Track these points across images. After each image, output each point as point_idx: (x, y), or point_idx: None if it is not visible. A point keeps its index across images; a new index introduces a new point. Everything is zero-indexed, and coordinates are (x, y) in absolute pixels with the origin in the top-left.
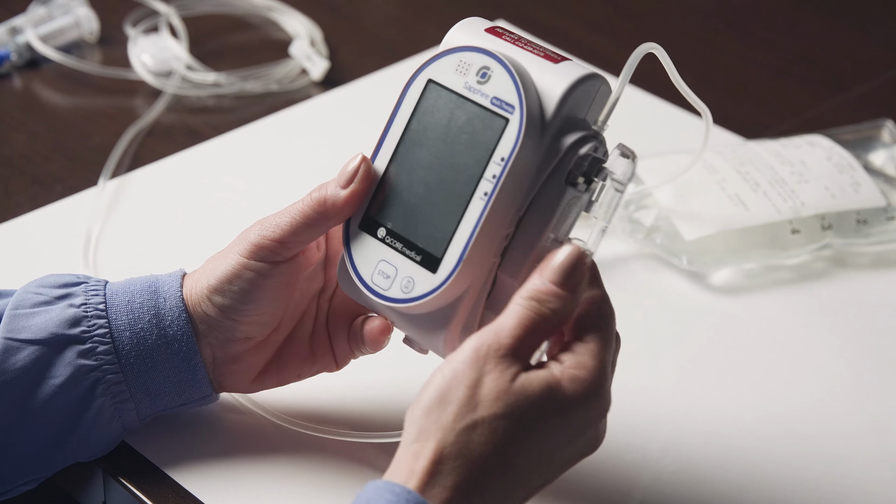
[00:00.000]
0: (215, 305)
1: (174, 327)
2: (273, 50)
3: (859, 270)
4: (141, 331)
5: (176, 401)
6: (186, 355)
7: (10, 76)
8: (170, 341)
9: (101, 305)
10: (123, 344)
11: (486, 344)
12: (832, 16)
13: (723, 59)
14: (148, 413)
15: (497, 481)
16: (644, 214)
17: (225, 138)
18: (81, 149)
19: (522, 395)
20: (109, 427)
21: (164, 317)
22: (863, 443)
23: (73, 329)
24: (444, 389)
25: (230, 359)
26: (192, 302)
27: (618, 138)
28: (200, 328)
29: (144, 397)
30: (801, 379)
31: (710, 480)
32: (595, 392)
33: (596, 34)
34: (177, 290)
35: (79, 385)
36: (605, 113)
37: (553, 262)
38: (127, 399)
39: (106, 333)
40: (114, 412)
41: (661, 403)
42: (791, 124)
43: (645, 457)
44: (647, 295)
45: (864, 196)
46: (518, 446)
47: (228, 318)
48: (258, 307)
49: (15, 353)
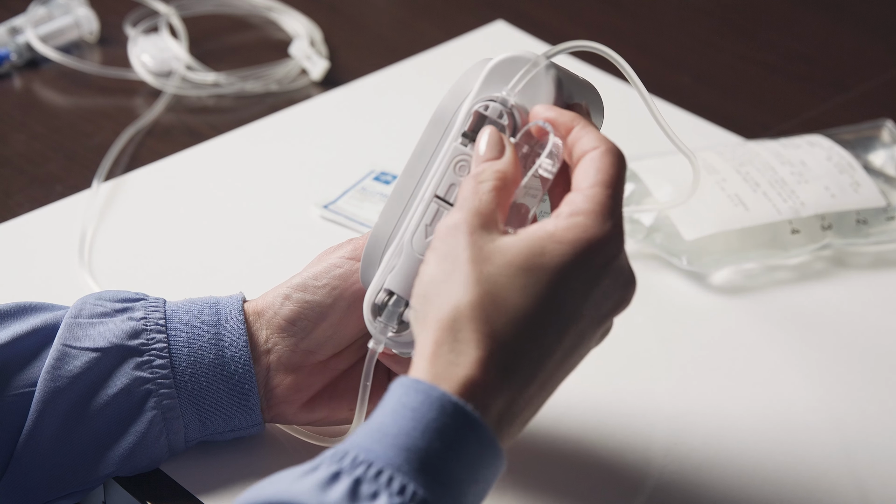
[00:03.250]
0: (296, 303)
1: (233, 349)
2: (273, 50)
3: (859, 270)
4: (199, 349)
5: (225, 425)
6: (241, 378)
7: (10, 76)
8: (227, 362)
9: (160, 321)
10: (181, 360)
11: (445, 227)
12: (832, 16)
13: (723, 58)
14: (196, 435)
15: (520, 350)
16: (644, 214)
17: (225, 138)
18: (81, 149)
19: (499, 255)
20: (156, 444)
21: (223, 337)
22: (863, 443)
23: (132, 341)
24: (424, 284)
25: (287, 368)
26: (258, 318)
27: (618, 138)
28: (262, 348)
29: (194, 417)
30: (802, 379)
31: (711, 481)
32: (595, 236)
33: (595, 34)
34: (238, 311)
35: (132, 396)
36: (514, 82)
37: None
38: (177, 416)
39: (164, 348)
40: (162, 429)
41: (662, 404)
42: (791, 124)
43: (645, 457)
44: (646, 295)
45: (864, 196)
46: (526, 309)
47: (301, 320)
48: (338, 314)
49: (72, 360)
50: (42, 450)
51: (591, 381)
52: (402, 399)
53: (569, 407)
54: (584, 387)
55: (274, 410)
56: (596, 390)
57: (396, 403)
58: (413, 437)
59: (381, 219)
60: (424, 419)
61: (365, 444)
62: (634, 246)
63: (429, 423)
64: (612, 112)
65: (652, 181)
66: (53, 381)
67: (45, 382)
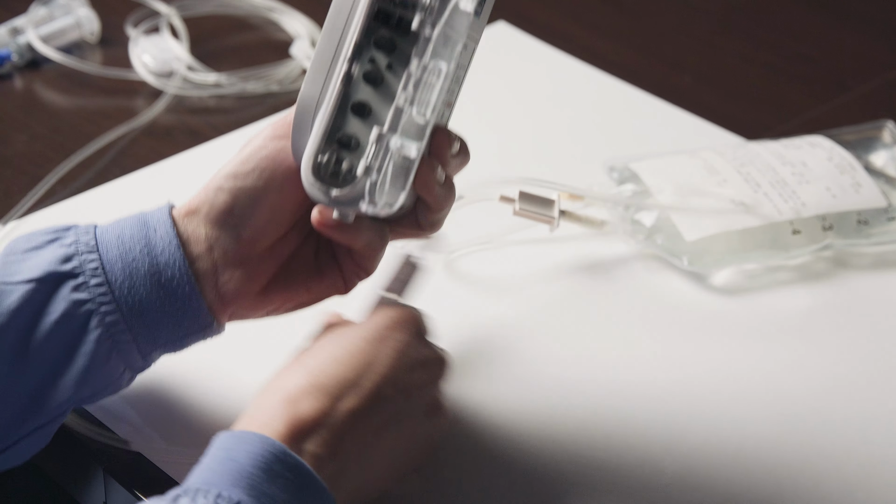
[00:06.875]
0: (229, 192)
1: (165, 254)
2: (274, 50)
3: (860, 271)
4: (133, 261)
5: (176, 331)
6: (180, 282)
7: (11, 77)
8: (162, 269)
9: (91, 242)
10: (115, 276)
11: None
12: (833, 16)
13: (723, 59)
14: (150, 348)
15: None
16: (645, 215)
17: (226, 139)
18: (82, 149)
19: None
20: (109, 364)
21: (154, 245)
22: (865, 444)
23: (65, 265)
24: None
25: (234, 262)
26: (194, 216)
27: (618, 139)
28: (200, 246)
29: (142, 329)
30: (803, 380)
31: (711, 481)
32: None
33: (596, 34)
34: (166, 218)
35: (73, 320)
36: None
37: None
38: (123, 331)
39: (97, 268)
40: (111, 346)
41: (662, 404)
42: (792, 125)
43: (645, 458)
44: (647, 296)
45: (865, 197)
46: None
47: (238, 207)
48: (272, 194)
49: (9, 295)
50: None
51: (591, 381)
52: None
53: (568, 408)
54: (584, 387)
55: (230, 309)
56: (595, 391)
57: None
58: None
59: (306, 86)
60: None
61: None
62: (635, 247)
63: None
64: (612, 113)
65: (652, 182)
66: None
67: None
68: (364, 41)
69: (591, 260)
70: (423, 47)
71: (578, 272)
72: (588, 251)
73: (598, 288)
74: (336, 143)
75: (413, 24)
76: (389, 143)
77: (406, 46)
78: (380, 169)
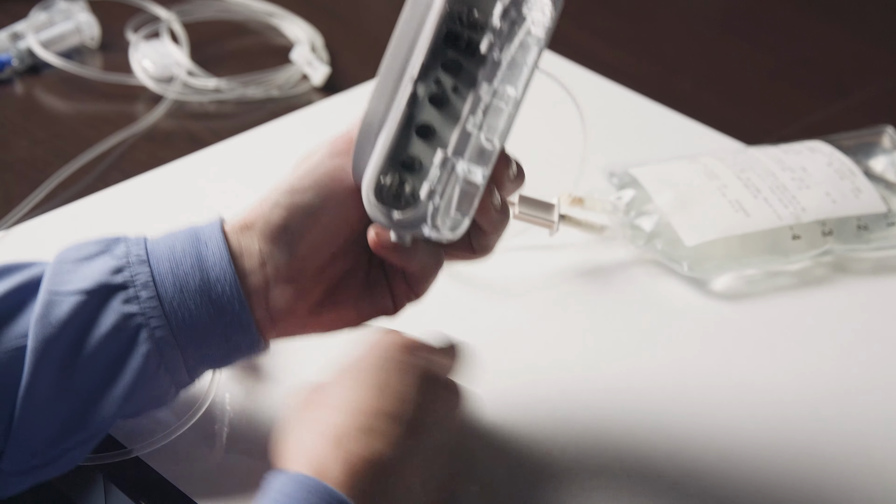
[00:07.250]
0: (285, 208)
1: (217, 269)
2: (274, 55)
3: (860, 276)
4: (184, 276)
5: (223, 348)
6: (230, 297)
7: (11, 82)
8: (213, 284)
9: (142, 254)
10: (166, 289)
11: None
12: (833, 21)
13: (723, 63)
14: (196, 364)
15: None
16: (645, 220)
17: (226, 144)
18: (82, 154)
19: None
20: (156, 379)
21: (205, 259)
22: (865, 449)
23: (116, 277)
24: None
25: (286, 279)
26: (248, 231)
27: (619, 143)
28: (253, 261)
29: (190, 345)
30: (803, 385)
31: (712, 487)
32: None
33: (596, 38)
34: (218, 233)
35: (123, 332)
36: None
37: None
38: (172, 346)
39: (148, 280)
40: (160, 361)
41: (662, 410)
42: (792, 130)
43: (646, 463)
44: (647, 301)
45: (865, 202)
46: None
47: (294, 224)
48: (329, 212)
49: (59, 305)
50: (43, 402)
51: (591, 386)
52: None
53: (569, 412)
54: (584, 393)
55: (278, 326)
56: (595, 397)
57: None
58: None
59: (370, 105)
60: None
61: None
62: (635, 252)
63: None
64: (613, 117)
65: (652, 187)
66: (44, 330)
67: (35, 332)
68: (431, 62)
69: (590, 265)
70: (494, 71)
71: (578, 277)
72: (588, 256)
73: (598, 293)
74: (399, 165)
75: (482, 46)
76: (455, 168)
77: (472, 69)
78: (443, 193)
